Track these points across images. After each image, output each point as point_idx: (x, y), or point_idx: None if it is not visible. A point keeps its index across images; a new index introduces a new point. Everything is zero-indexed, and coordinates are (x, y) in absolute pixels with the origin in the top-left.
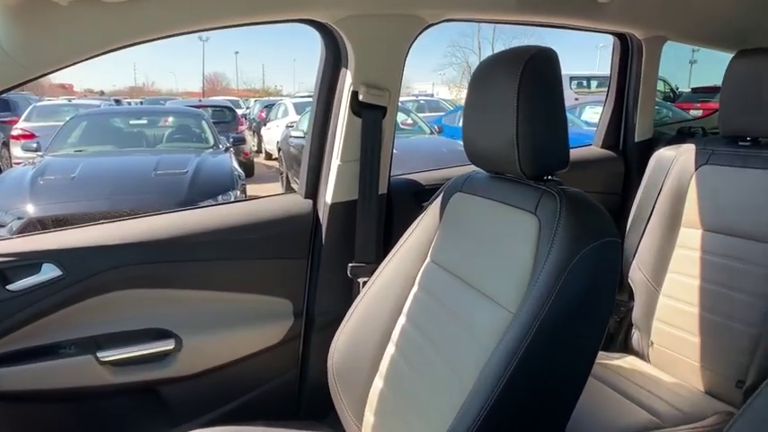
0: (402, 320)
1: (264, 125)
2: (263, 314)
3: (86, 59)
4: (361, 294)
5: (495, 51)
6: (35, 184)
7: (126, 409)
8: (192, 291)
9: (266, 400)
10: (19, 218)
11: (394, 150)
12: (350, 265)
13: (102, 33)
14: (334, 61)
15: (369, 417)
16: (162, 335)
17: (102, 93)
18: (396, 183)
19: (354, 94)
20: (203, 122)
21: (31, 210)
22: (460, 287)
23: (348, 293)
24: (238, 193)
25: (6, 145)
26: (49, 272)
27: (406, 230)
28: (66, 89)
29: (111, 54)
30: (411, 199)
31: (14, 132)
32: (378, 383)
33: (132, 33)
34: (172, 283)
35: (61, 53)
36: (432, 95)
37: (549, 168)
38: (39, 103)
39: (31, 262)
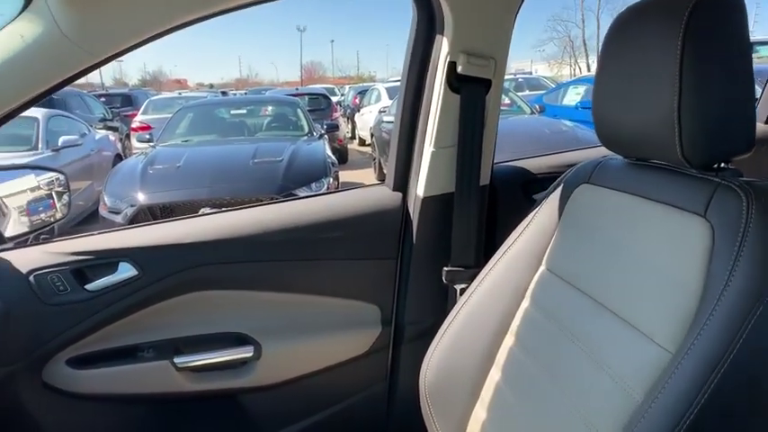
0: (509, 341)
1: (358, 111)
2: (349, 321)
3: (148, 40)
4: (458, 304)
5: (601, 23)
6: (145, 173)
7: (203, 417)
8: (272, 293)
9: (350, 416)
10: (132, 205)
11: None
12: (445, 269)
13: (159, 11)
14: (427, 28)
15: None
16: (241, 341)
17: (211, 86)
18: (500, 171)
19: (452, 66)
20: (299, 110)
21: (141, 198)
22: (589, 307)
23: (443, 302)
24: (331, 180)
25: (128, 136)
26: (126, 271)
27: (513, 229)
28: (181, 84)
29: (219, 49)
30: (519, 191)
31: (134, 125)
32: (480, 413)
33: (191, 8)
34: (251, 285)
35: (122, 34)
36: (530, 74)
37: (724, 152)
38: (154, 97)
39: (108, 261)
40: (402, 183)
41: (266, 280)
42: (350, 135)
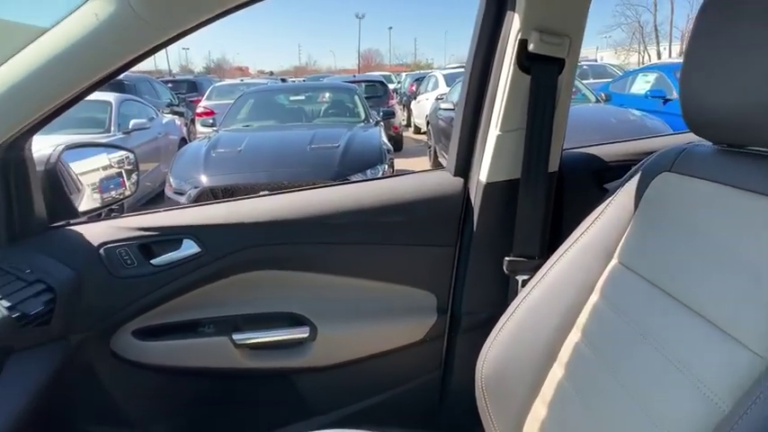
0: (574, 337)
1: (414, 99)
2: (404, 307)
3: (216, 17)
4: (520, 296)
5: (674, 8)
6: (209, 156)
7: (260, 394)
8: (329, 276)
9: (402, 403)
10: (195, 187)
11: None
12: (507, 258)
13: None
14: (497, 3)
15: None
16: (297, 321)
17: (271, 73)
18: (569, 158)
19: (523, 44)
20: (356, 97)
21: (204, 180)
22: (666, 305)
23: (503, 292)
24: (386, 167)
25: (193, 121)
26: (189, 248)
27: (582, 220)
28: (242, 71)
29: (280, 37)
30: (589, 179)
31: (198, 110)
32: (539, 410)
33: None
34: (308, 267)
35: (190, 10)
36: (595, 61)
37: None
38: (217, 84)
39: (172, 237)
40: (464, 168)
41: (323, 262)
42: (405, 123)
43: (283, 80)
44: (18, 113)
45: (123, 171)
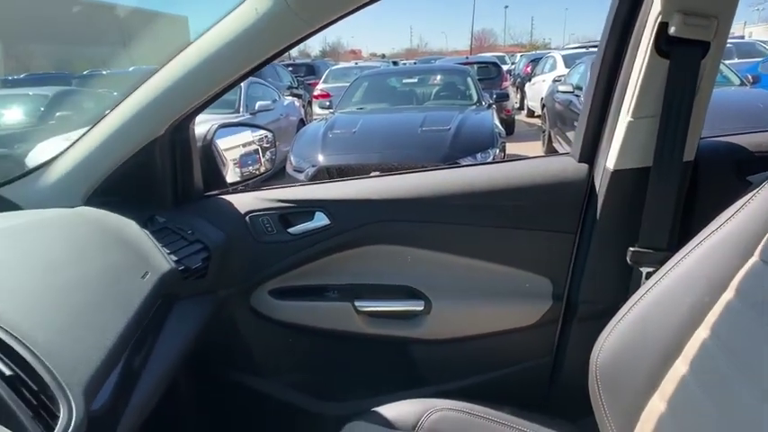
0: (702, 334)
1: (529, 81)
2: (518, 291)
3: (358, 8)
4: (645, 287)
5: None
6: (326, 137)
7: (376, 359)
8: (446, 254)
9: (511, 384)
10: (313, 165)
11: None
12: (631, 249)
13: None
14: None
15: None
16: (413, 294)
17: (383, 56)
18: (707, 147)
19: (662, 27)
20: (468, 79)
21: (321, 159)
22: None
23: (624, 283)
24: (497, 151)
25: (310, 103)
26: (321, 220)
27: (719, 213)
28: (356, 54)
29: (392, 20)
30: (730, 170)
31: (315, 92)
32: (658, 405)
33: None
34: (427, 244)
35: (336, 3)
36: (742, 37)
37: None
38: (334, 67)
39: (306, 209)
40: (589, 154)
41: (441, 241)
42: (518, 105)
43: (395, 63)
44: (186, 98)
45: (260, 149)
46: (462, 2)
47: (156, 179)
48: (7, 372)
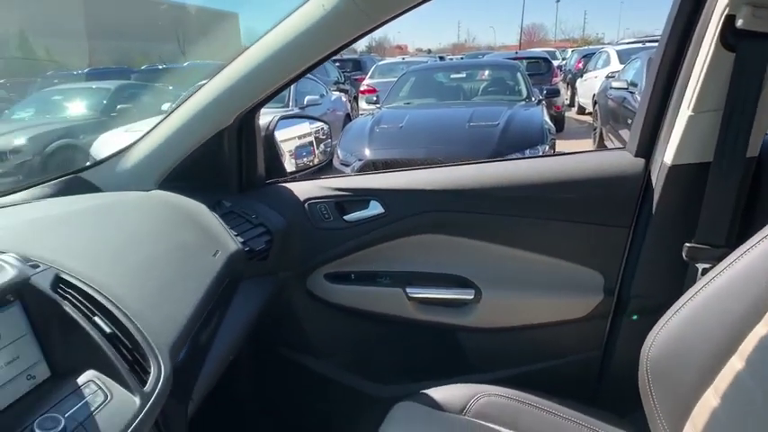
0: (761, 331)
1: (580, 77)
2: (569, 283)
3: (418, 4)
4: (701, 282)
5: None
6: (372, 131)
7: (426, 344)
8: (497, 245)
9: (559, 376)
10: (360, 159)
11: None
12: (687, 245)
13: None
14: None
15: (689, 430)
16: (463, 283)
17: (429, 51)
18: None
19: (729, 19)
20: (518, 75)
21: (368, 153)
22: None
23: (679, 279)
24: (547, 147)
25: (356, 98)
26: (375, 209)
27: None
28: (401, 49)
29: (439, 15)
30: None
31: (362, 88)
32: (711, 399)
33: None
34: (477, 235)
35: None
36: None
37: None
38: (380, 63)
39: (361, 198)
40: (647, 148)
41: (493, 232)
42: (568, 102)
43: (441, 58)
44: (254, 90)
45: (315, 140)
46: None
47: (223, 166)
48: (107, 329)
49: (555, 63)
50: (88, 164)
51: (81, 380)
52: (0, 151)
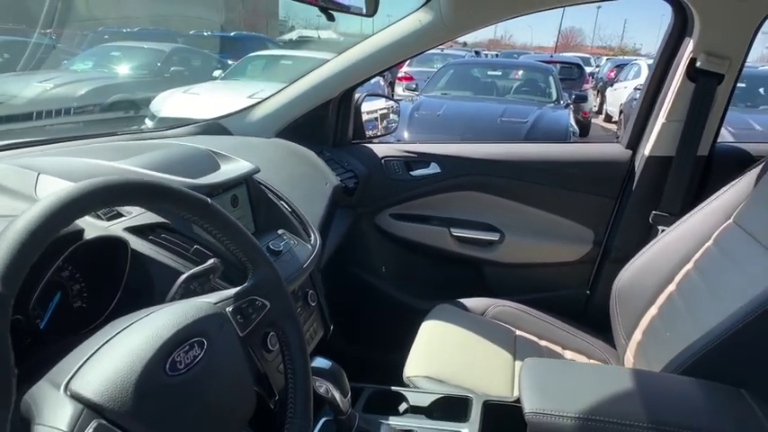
0: (689, 266)
1: (611, 86)
2: (568, 235)
3: (494, 23)
4: (656, 239)
5: None
6: (412, 116)
7: (459, 272)
8: (518, 203)
9: (558, 302)
10: (398, 140)
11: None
12: (654, 212)
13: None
14: (679, 29)
15: (637, 336)
16: (492, 228)
17: (464, 44)
18: (722, 149)
19: (692, 61)
20: (550, 78)
21: (406, 136)
22: (756, 249)
23: (646, 237)
24: None
25: (391, 84)
26: (434, 168)
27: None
28: None
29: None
30: (734, 166)
31: (399, 75)
32: (652, 311)
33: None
34: (504, 194)
35: (477, 18)
36: None
37: None
38: None
39: (425, 160)
40: (634, 143)
41: (516, 193)
42: (596, 109)
43: (477, 53)
44: (357, 73)
45: (379, 117)
46: None
47: (325, 126)
48: (288, 209)
49: (588, 69)
50: (224, 113)
51: (279, 232)
52: (64, 99)
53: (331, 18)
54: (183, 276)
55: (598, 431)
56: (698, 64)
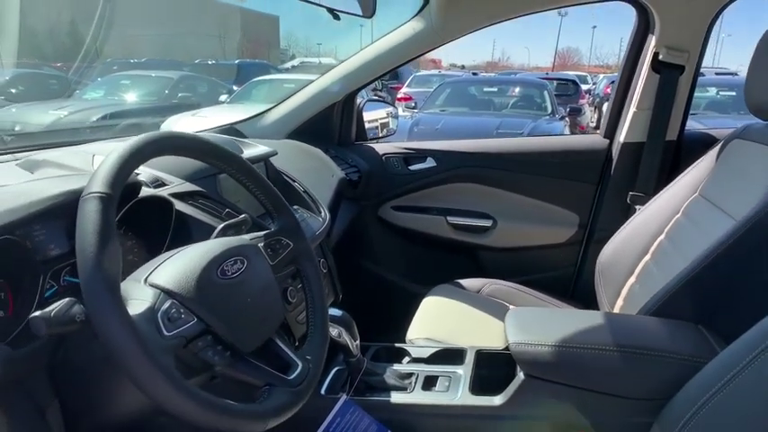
0: (661, 237)
1: (607, 100)
2: (556, 219)
3: (480, 29)
4: (633, 217)
5: None
6: (411, 131)
7: (456, 257)
8: (508, 192)
9: (548, 281)
10: None
11: None
12: (630, 193)
13: (500, 5)
14: (644, 27)
15: (619, 303)
16: (485, 216)
17: (462, 67)
18: (690, 134)
19: (656, 55)
20: (545, 92)
21: None
22: (717, 214)
23: (625, 217)
24: None
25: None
26: (430, 163)
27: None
28: (435, 63)
29: (475, 32)
30: (701, 149)
31: (399, 95)
32: (631, 281)
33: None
34: (496, 184)
35: (464, 24)
36: None
37: None
38: (417, 74)
39: (421, 155)
40: (611, 132)
41: (507, 183)
42: (594, 125)
43: (474, 74)
44: (359, 79)
45: (380, 125)
46: (550, 18)
47: (330, 128)
48: (302, 189)
49: (585, 87)
50: (238, 119)
51: (294, 207)
52: (78, 125)
53: (336, 17)
54: (221, 225)
55: (572, 356)
56: (660, 57)
